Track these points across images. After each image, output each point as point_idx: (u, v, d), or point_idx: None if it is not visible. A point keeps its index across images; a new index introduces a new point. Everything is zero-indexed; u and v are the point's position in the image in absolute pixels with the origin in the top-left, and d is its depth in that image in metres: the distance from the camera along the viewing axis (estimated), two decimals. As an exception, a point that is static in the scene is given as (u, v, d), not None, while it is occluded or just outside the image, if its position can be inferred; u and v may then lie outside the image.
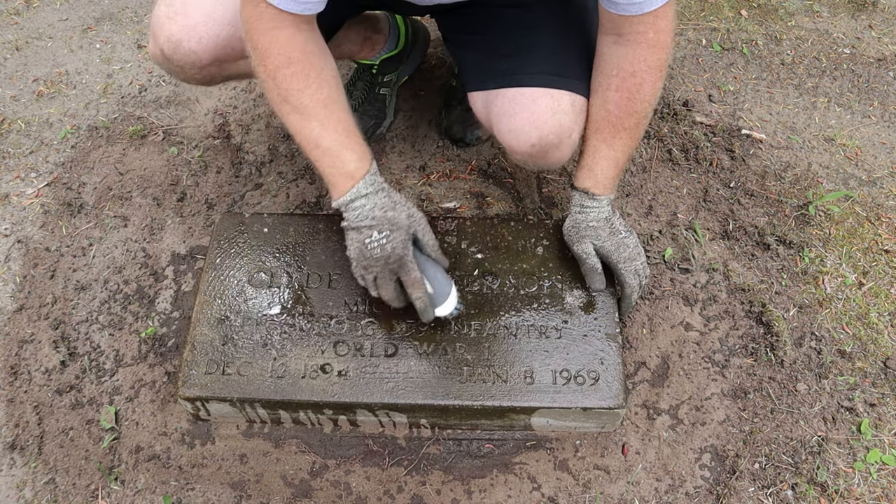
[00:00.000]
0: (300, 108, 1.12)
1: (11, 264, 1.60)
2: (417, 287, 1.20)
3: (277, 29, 1.07)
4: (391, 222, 1.16)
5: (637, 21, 1.10)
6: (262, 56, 1.10)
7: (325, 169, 1.16)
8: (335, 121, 1.14)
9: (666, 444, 1.33)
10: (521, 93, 1.23)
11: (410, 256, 1.18)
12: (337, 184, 1.16)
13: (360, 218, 1.16)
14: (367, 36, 1.62)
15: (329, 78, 1.14)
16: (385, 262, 1.17)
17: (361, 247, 1.17)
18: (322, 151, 1.14)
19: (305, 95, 1.11)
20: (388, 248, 1.16)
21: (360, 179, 1.15)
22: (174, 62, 1.27)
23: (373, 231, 1.15)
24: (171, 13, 1.24)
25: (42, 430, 1.36)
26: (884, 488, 1.27)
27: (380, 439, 1.34)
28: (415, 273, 1.19)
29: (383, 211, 1.16)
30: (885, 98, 1.94)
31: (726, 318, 1.48)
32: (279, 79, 1.10)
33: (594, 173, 1.24)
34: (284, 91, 1.11)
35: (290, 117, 1.14)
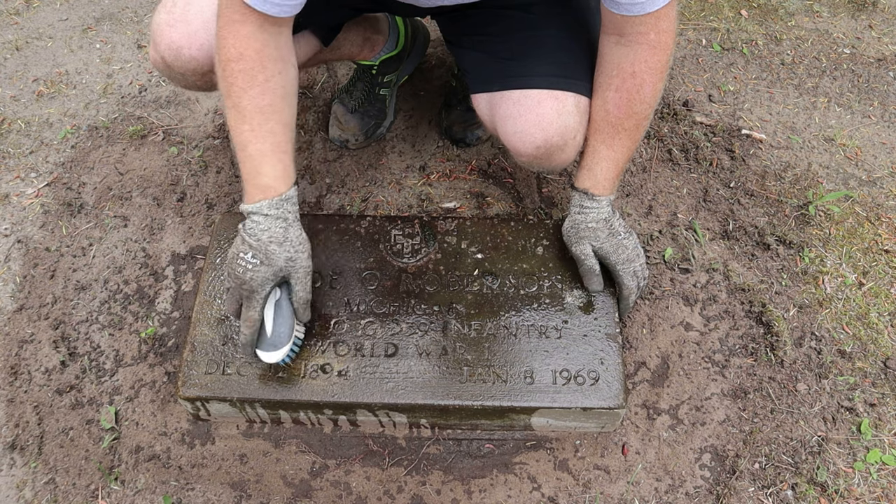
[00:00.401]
0: (238, 107, 1.11)
1: (11, 264, 1.60)
2: (248, 325, 1.17)
3: (240, 23, 1.07)
4: (267, 255, 1.14)
5: (638, 21, 1.10)
6: (219, 45, 1.10)
7: (244, 174, 1.15)
8: (266, 131, 1.12)
9: (666, 444, 1.33)
10: (526, 95, 1.23)
11: (261, 295, 1.15)
12: (248, 191, 1.15)
13: (249, 233, 1.14)
14: (366, 37, 1.62)
15: (276, 86, 1.12)
16: (239, 284, 1.15)
17: (234, 255, 1.16)
18: (246, 155, 1.13)
19: (246, 96, 1.10)
20: (247, 276, 1.14)
21: (269, 198, 1.14)
22: (175, 69, 1.27)
23: (249, 251, 1.14)
24: (172, 20, 1.24)
25: (42, 430, 1.36)
26: (884, 488, 1.27)
27: (380, 439, 1.34)
28: (253, 311, 1.16)
29: (269, 240, 1.14)
30: (885, 98, 1.94)
31: (726, 318, 1.48)
32: (227, 72, 1.10)
33: (594, 174, 1.24)
34: (228, 85, 1.10)
35: (228, 112, 1.13)
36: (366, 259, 1.41)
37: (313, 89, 1.90)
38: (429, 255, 1.41)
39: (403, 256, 1.41)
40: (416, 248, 1.42)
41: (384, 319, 1.33)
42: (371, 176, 1.73)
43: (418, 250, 1.42)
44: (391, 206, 1.67)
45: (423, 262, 1.40)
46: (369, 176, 1.73)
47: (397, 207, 1.67)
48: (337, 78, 1.95)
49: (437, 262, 1.40)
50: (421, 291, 1.36)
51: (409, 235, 1.44)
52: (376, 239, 1.44)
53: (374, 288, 1.37)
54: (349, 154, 1.78)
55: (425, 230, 1.45)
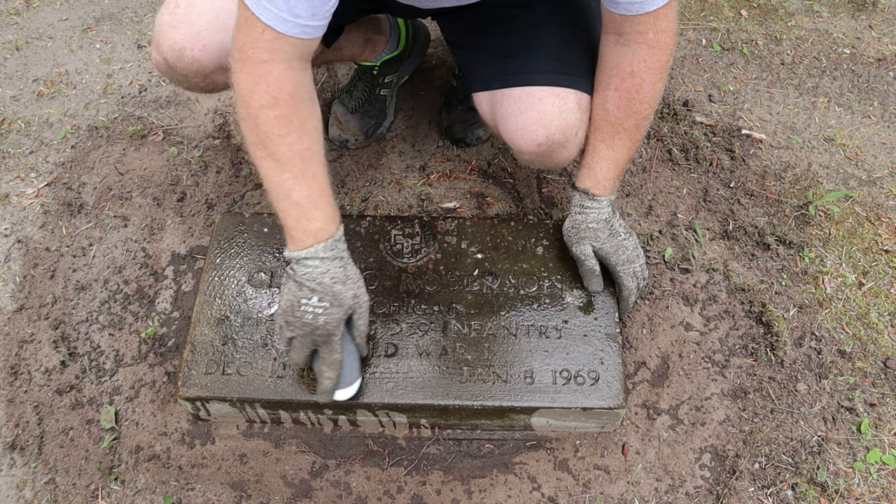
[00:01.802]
0: (276, 155, 1.06)
1: (11, 264, 1.60)
2: (334, 369, 1.15)
3: (269, 63, 1.01)
4: (335, 296, 1.11)
5: (637, 21, 1.10)
6: (248, 91, 1.03)
7: (290, 222, 1.10)
8: (310, 176, 1.09)
9: (666, 444, 1.33)
10: (527, 92, 1.23)
11: (339, 337, 1.14)
12: (297, 238, 1.11)
13: (307, 277, 1.10)
14: (368, 38, 1.62)
15: (311, 129, 1.09)
16: (311, 330, 1.12)
17: (294, 304, 1.11)
18: (290, 203, 1.09)
19: (284, 144, 1.05)
20: (321, 321, 1.11)
21: (323, 241, 1.11)
22: (178, 71, 1.25)
23: (314, 296, 1.10)
24: (175, 21, 1.22)
25: (42, 430, 1.36)
26: (884, 488, 1.27)
27: (380, 439, 1.34)
28: (336, 355, 1.14)
29: (332, 281, 1.11)
30: (885, 98, 1.93)
31: (726, 318, 1.48)
32: (261, 120, 1.04)
33: (594, 173, 1.25)
34: (264, 134, 1.05)
35: (263, 162, 1.08)
36: (366, 259, 1.41)
37: (313, 89, 1.90)
38: (429, 255, 1.41)
39: (403, 256, 1.41)
40: (416, 248, 1.42)
41: (384, 319, 1.33)
42: (371, 176, 1.73)
43: (418, 250, 1.42)
44: (391, 206, 1.67)
45: (423, 262, 1.40)
46: (369, 176, 1.73)
47: (397, 207, 1.67)
48: (337, 78, 1.95)
49: (437, 262, 1.40)
50: (421, 291, 1.36)
51: (409, 235, 1.44)
52: (376, 239, 1.44)
53: (374, 288, 1.37)
54: (349, 154, 1.78)
55: (425, 230, 1.45)
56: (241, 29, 1.02)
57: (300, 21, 0.99)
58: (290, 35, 1.00)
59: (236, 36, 1.03)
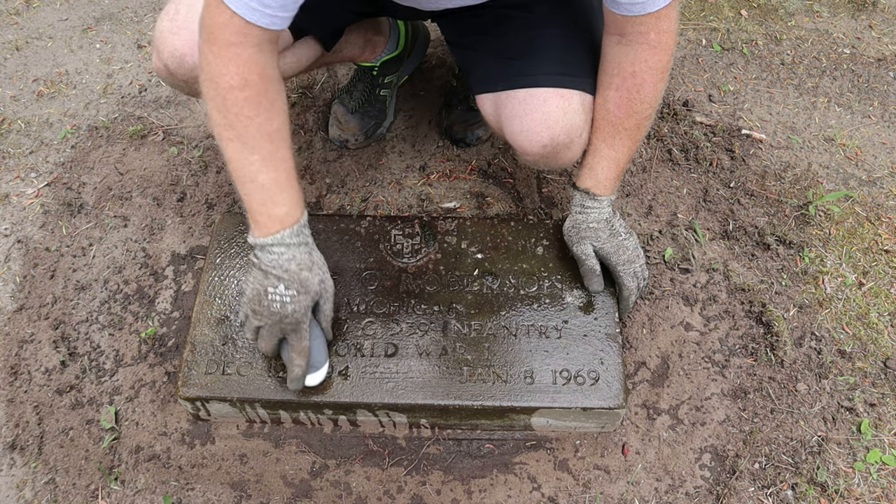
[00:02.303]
0: (244, 136, 1.05)
1: (11, 264, 1.60)
2: (302, 356, 1.15)
3: (240, 45, 1.00)
4: (302, 283, 1.11)
5: (639, 21, 1.10)
6: (217, 72, 1.01)
7: (254, 205, 1.09)
8: (279, 159, 1.08)
9: (666, 444, 1.33)
10: (532, 94, 1.23)
11: (307, 324, 1.14)
12: (262, 223, 1.09)
13: (272, 265, 1.09)
14: (367, 38, 1.62)
15: (279, 110, 1.07)
16: (279, 319, 1.11)
17: (261, 292, 1.10)
18: (256, 186, 1.08)
19: (253, 125, 1.04)
20: (289, 309, 1.10)
21: (289, 227, 1.10)
22: (179, 77, 1.25)
23: (280, 284, 1.09)
24: (175, 28, 1.21)
25: (42, 430, 1.36)
26: (884, 488, 1.27)
27: (380, 439, 1.34)
28: (305, 342, 1.14)
29: (299, 268, 1.10)
30: (885, 98, 1.94)
31: (726, 318, 1.48)
32: (230, 101, 1.02)
33: (595, 173, 1.25)
34: (233, 116, 1.03)
35: (230, 143, 1.06)
36: (366, 259, 1.41)
37: (313, 89, 1.90)
38: (429, 255, 1.41)
39: (403, 256, 1.41)
40: (416, 248, 1.42)
41: (384, 319, 1.33)
42: (371, 176, 1.73)
43: (418, 250, 1.42)
44: (391, 206, 1.67)
45: (423, 262, 1.40)
46: (369, 176, 1.73)
47: (397, 207, 1.67)
48: (337, 78, 1.95)
49: (437, 262, 1.40)
50: (421, 291, 1.36)
51: (409, 235, 1.44)
52: (376, 239, 1.44)
53: (374, 288, 1.37)
54: (349, 154, 1.78)
55: (425, 230, 1.45)
56: (209, 8, 1.00)
57: (268, 11, 0.98)
58: (258, 24, 0.99)
59: (204, 15, 1.01)
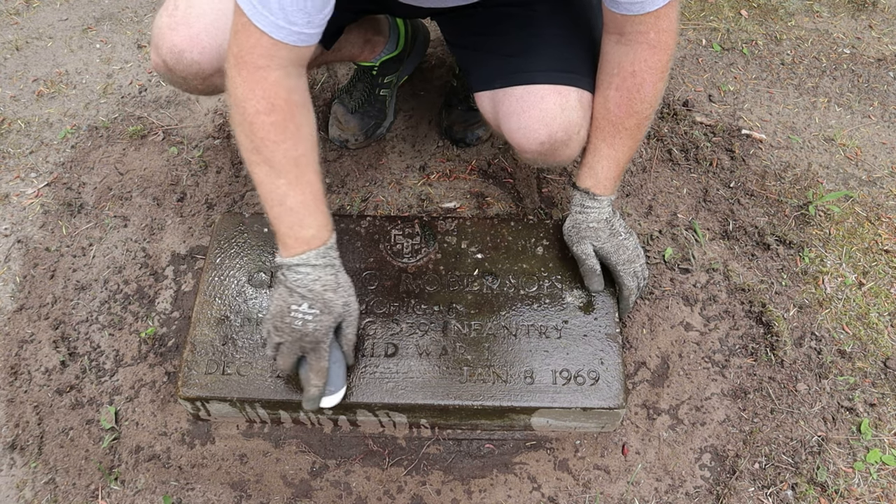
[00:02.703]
0: (271, 161, 1.06)
1: (11, 264, 1.60)
2: (321, 376, 1.15)
3: (266, 69, 1.01)
4: (326, 303, 1.12)
5: (638, 21, 1.10)
6: (244, 97, 1.03)
7: (283, 228, 1.11)
8: (305, 182, 1.09)
9: (666, 444, 1.33)
10: (529, 91, 1.23)
11: (327, 344, 1.14)
12: (289, 245, 1.11)
13: (298, 284, 1.11)
14: (367, 38, 1.62)
15: (307, 135, 1.09)
16: (300, 337, 1.12)
17: (284, 309, 1.12)
18: (284, 210, 1.09)
19: (280, 150, 1.06)
20: (311, 328, 1.11)
21: (315, 248, 1.11)
22: (177, 73, 1.25)
23: (304, 302, 1.10)
24: (174, 23, 1.21)
25: (42, 430, 1.36)
26: (884, 488, 1.27)
27: (380, 439, 1.34)
28: (324, 362, 1.15)
29: (323, 288, 1.12)
30: (885, 98, 1.94)
31: (726, 318, 1.48)
32: (256, 126, 1.04)
33: (595, 172, 1.25)
34: (259, 140, 1.05)
35: (258, 168, 1.08)
36: (366, 259, 1.41)
37: (313, 89, 1.90)
38: (429, 255, 1.41)
39: (403, 256, 1.41)
40: (416, 248, 1.42)
41: (384, 319, 1.33)
42: (371, 176, 1.73)
43: (418, 250, 1.42)
44: (391, 206, 1.67)
45: (423, 262, 1.40)
46: (369, 176, 1.73)
47: (397, 207, 1.67)
48: (337, 78, 1.95)
49: (437, 262, 1.40)
50: (421, 291, 1.36)
51: (409, 235, 1.44)
52: (376, 239, 1.44)
53: (374, 288, 1.37)
54: (349, 154, 1.78)
55: (425, 230, 1.45)
56: (237, 34, 1.01)
57: (295, 28, 0.99)
58: (286, 42, 1.00)
59: (232, 41, 1.02)
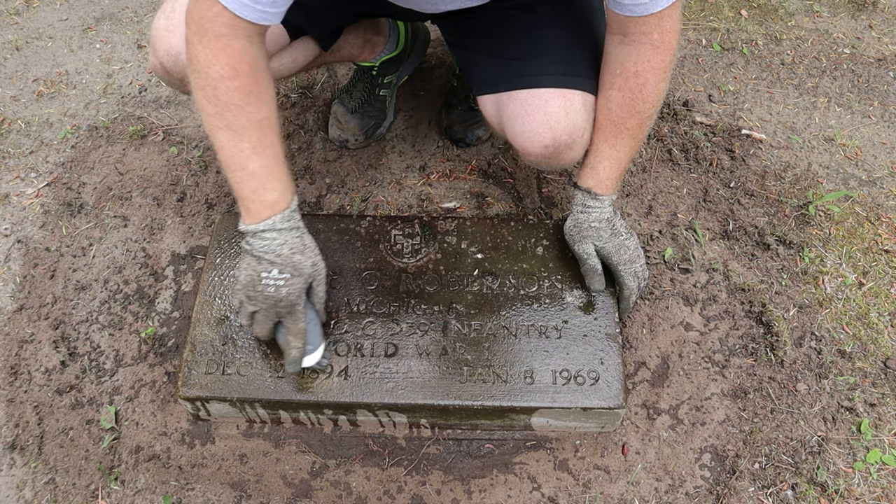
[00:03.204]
0: (234, 125, 1.06)
1: (11, 264, 1.60)
2: (299, 338, 1.17)
3: (229, 37, 1.01)
4: (295, 266, 1.13)
5: (642, 22, 1.10)
6: (207, 63, 1.02)
7: (245, 192, 1.11)
8: (268, 145, 1.10)
9: (666, 444, 1.33)
10: (533, 94, 1.23)
11: (302, 306, 1.15)
12: (253, 210, 1.11)
13: (265, 250, 1.11)
14: (367, 38, 1.62)
15: (269, 98, 1.09)
16: (274, 303, 1.13)
17: (255, 278, 1.13)
18: (247, 174, 1.09)
19: (243, 114, 1.06)
20: (284, 292, 1.12)
21: (279, 212, 1.12)
22: (174, 74, 1.25)
23: (273, 268, 1.11)
24: (171, 26, 1.22)
25: (42, 430, 1.36)
26: (884, 488, 1.27)
27: (380, 439, 1.34)
28: (301, 324, 1.16)
29: (291, 252, 1.12)
30: (885, 98, 1.94)
31: (726, 318, 1.48)
32: (220, 90, 1.04)
33: (597, 172, 1.24)
34: (223, 105, 1.05)
35: (220, 132, 1.07)
36: (366, 259, 1.41)
37: (313, 89, 1.90)
38: (429, 255, 1.41)
39: (403, 256, 1.41)
40: (416, 248, 1.42)
41: (384, 319, 1.33)
42: (371, 176, 1.73)
43: (418, 250, 1.42)
44: (391, 206, 1.67)
45: (423, 262, 1.40)
46: (369, 176, 1.73)
47: (397, 207, 1.67)
48: (337, 78, 1.95)
49: (437, 262, 1.40)
50: (421, 291, 1.36)
51: (409, 235, 1.44)
52: (376, 239, 1.44)
53: (374, 288, 1.37)
54: (349, 154, 1.78)
55: (425, 230, 1.45)
56: (197, 3, 1.01)
57: (259, 7, 1.00)
58: (248, 19, 1.00)
59: (192, 9, 1.02)
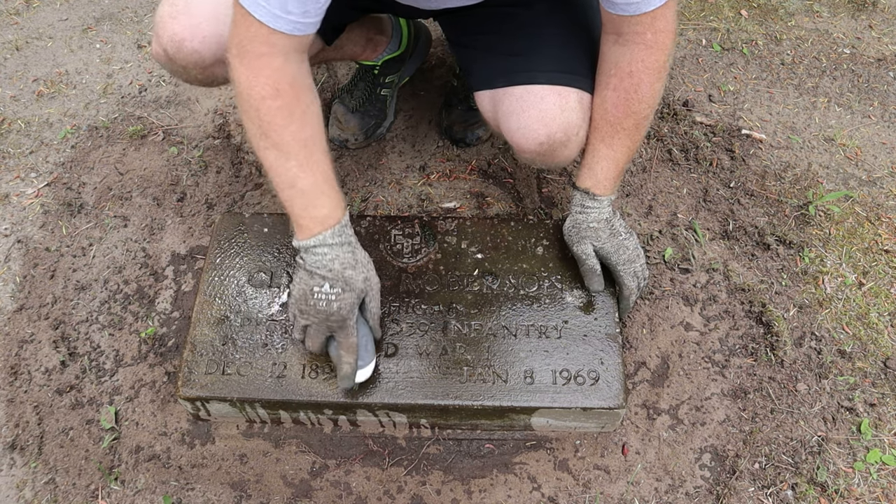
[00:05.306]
0: (280, 144, 1.08)
1: (11, 264, 1.60)
2: (351, 353, 1.16)
3: (268, 56, 1.03)
4: (346, 281, 1.13)
5: (635, 21, 1.10)
6: (248, 84, 1.05)
7: (296, 210, 1.12)
8: (314, 163, 1.10)
9: (666, 444, 1.33)
10: (529, 91, 1.23)
11: (353, 321, 1.15)
12: (305, 226, 1.12)
13: (317, 265, 1.12)
14: (369, 37, 1.62)
15: (313, 116, 1.10)
16: (326, 317, 1.13)
17: (307, 292, 1.13)
18: (296, 192, 1.10)
19: (287, 132, 1.07)
20: (335, 307, 1.12)
21: (330, 228, 1.12)
22: (177, 62, 1.26)
23: (325, 283, 1.12)
24: (175, 12, 1.22)
25: (42, 430, 1.36)
26: (884, 488, 1.27)
27: (380, 439, 1.34)
28: (353, 339, 1.16)
29: (343, 267, 1.13)
30: (885, 98, 1.94)
31: (726, 318, 1.48)
32: (262, 111, 1.06)
33: (594, 173, 1.25)
34: (266, 125, 1.06)
35: (267, 152, 1.09)
36: (366, 259, 1.41)
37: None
38: (429, 255, 1.41)
39: (403, 256, 1.41)
40: (416, 248, 1.42)
41: (384, 319, 1.32)
42: (371, 176, 1.73)
43: (418, 250, 1.42)
44: (391, 206, 1.67)
45: (423, 262, 1.40)
46: (369, 176, 1.73)
47: (397, 207, 1.67)
48: (337, 78, 1.95)
49: (437, 262, 1.40)
50: (421, 291, 1.36)
51: (409, 235, 1.44)
52: (376, 239, 1.44)
53: (374, 288, 1.37)
54: (349, 154, 1.78)
55: (425, 230, 1.45)
56: (236, 25, 1.03)
57: (292, 18, 1.00)
58: (283, 31, 1.01)
59: (233, 32, 1.04)
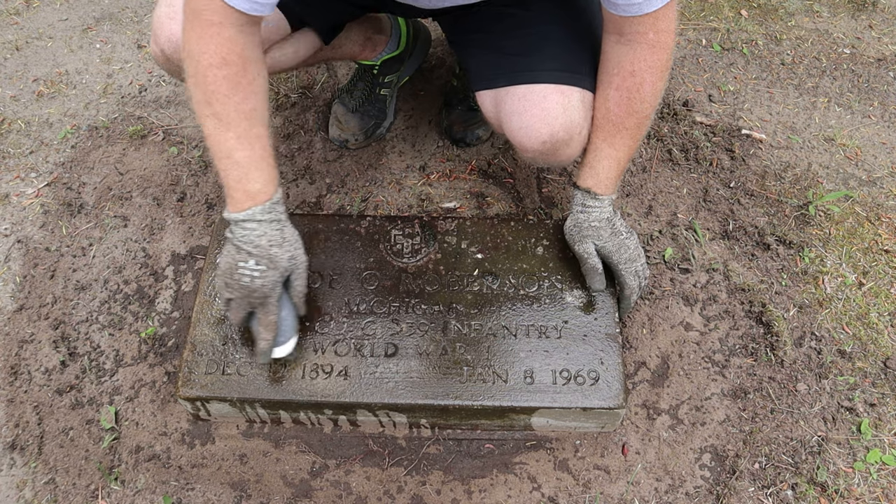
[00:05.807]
0: (221, 114, 1.08)
1: (11, 264, 1.60)
2: (270, 330, 1.18)
3: (220, 25, 1.03)
4: (272, 259, 1.14)
5: (637, 21, 1.10)
6: (198, 50, 1.05)
7: (230, 181, 1.12)
8: (254, 136, 1.11)
9: (666, 444, 1.33)
10: (531, 90, 1.23)
11: (275, 299, 1.16)
12: (236, 199, 1.12)
13: (244, 240, 1.13)
14: (368, 37, 1.62)
15: (258, 89, 1.11)
16: (248, 293, 1.14)
17: (233, 266, 1.14)
18: (232, 163, 1.10)
19: (231, 103, 1.07)
20: (258, 283, 1.13)
21: (261, 204, 1.13)
22: (175, 62, 1.26)
23: (251, 259, 1.13)
24: (172, 13, 1.23)
25: (42, 430, 1.36)
26: (884, 488, 1.27)
27: (380, 439, 1.34)
28: (272, 316, 1.17)
29: (269, 244, 1.13)
30: (885, 98, 1.94)
31: (726, 318, 1.48)
32: (209, 79, 1.06)
33: (596, 172, 1.25)
34: (211, 93, 1.07)
35: (207, 120, 1.09)
36: (366, 259, 1.41)
37: (313, 89, 1.90)
38: (429, 255, 1.41)
39: (403, 256, 1.41)
40: (416, 248, 1.42)
41: (384, 319, 1.33)
42: (371, 176, 1.73)
43: (418, 250, 1.42)
44: (391, 206, 1.67)
45: (423, 262, 1.40)
46: (369, 176, 1.73)
47: (397, 207, 1.67)
48: (337, 78, 1.95)
49: (437, 262, 1.40)
50: (421, 291, 1.36)
51: (409, 235, 1.44)
52: (376, 239, 1.44)
53: (374, 288, 1.37)
54: (349, 154, 1.78)
55: (425, 230, 1.45)
56: None
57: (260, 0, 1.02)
58: (239, 8, 1.02)
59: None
